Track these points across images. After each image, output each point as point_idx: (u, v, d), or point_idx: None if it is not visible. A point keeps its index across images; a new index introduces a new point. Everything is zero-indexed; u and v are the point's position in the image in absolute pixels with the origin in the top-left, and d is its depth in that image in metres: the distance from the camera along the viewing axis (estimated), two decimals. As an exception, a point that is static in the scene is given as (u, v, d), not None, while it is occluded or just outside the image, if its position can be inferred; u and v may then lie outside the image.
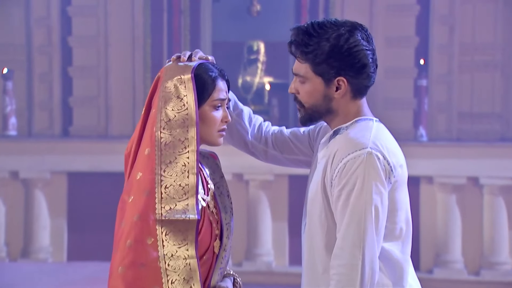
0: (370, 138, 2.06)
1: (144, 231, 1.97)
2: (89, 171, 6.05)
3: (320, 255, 2.07)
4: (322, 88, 2.09)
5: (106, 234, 6.17)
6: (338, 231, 2.02)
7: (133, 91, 6.44)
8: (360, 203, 2.00)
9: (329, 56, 2.05)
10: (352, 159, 2.02)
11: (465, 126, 6.27)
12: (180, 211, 1.98)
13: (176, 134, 2.02)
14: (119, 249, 1.98)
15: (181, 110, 2.03)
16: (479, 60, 6.26)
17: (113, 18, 6.43)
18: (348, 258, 1.99)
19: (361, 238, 1.99)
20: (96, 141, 6.24)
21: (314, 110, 2.11)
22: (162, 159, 2.00)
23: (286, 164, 2.36)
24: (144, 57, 6.42)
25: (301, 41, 2.07)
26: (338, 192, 2.03)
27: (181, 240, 1.97)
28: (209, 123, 2.08)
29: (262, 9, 6.70)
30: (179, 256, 1.97)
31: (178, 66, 2.08)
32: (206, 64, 2.10)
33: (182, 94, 2.04)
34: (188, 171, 2.00)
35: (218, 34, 6.62)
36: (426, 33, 6.28)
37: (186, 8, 6.41)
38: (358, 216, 1.99)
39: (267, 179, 5.86)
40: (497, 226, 5.76)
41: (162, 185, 1.99)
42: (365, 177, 2.01)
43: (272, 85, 6.66)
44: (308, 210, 2.14)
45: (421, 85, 6.03)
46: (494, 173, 5.77)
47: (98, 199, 6.04)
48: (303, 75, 2.10)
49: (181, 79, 2.05)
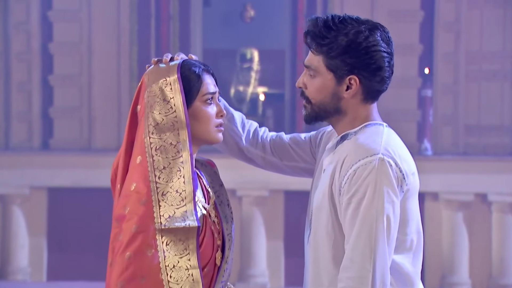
0: (381, 143, 2.06)
1: (144, 242, 1.98)
2: (71, 186, 6.03)
3: (326, 268, 2.07)
4: (332, 85, 2.09)
5: (89, 253, 6.16)
6: (347, 242, 2.02)
7: (118, 102, 6.44)
8: (371, 212, 1.99)
9: (344, 51, 2.06)
10: (363, 166, 2.02)
11: (472, 140, 6.29)
12: (180, 219, 2.00)
13: (166, 138, 2.04)
14: (117, 263, 1.99)
15: (169, 113, 2.05)
16: (487, 69, 6.29)
17: (97, 23, 6.44)
18: (358, 271, 1.99)
19: (372, 249, 1.98)
20: (79, 154, 6.23)
21: (321, 108, 2.11)
22: (155, 165, 2.02)
23: (286, 172, 2.35)
24: (130, 66, 6.43)
25: (318, 32, 2.08)
26: (347, 200, 2.02)
27: (182, 250, 1.99)
28: (204, 119, 2.10)
29: (256, 15, 6.72)
30: (181, 266, 1.98)
31: (161, 68, 2.10)
32: (188, 61, 2.13)
33: (168, 97, 2.05)
34: (184, 176, 2.02)
35: (209, 41, 6.64)
36: (430, 40, 6.31)
37: (175, 13, 6.43)
38: (369, 226, 1.99)
39: (261, 195, 5.86)
40: (507, 245, 5.77)
41: (159, 192, 2.01)
42: (376, 184, 2.00)
43: (266, 95, 6.68)
44: (313, 220, 2.13)
45: (425, 95, 6.06)
46: (503, 190, 5.78)
47: (80, 216, 6.02)
48: (314, 68, 2.10)
49: (167, 80, 2.07)
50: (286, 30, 6.52)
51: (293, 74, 6.41)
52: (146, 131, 2.04)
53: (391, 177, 2.02)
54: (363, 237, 1.99)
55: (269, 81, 6.70)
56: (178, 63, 2.09)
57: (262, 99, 6.65)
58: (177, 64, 2.08)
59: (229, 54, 6.69)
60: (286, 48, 6.51)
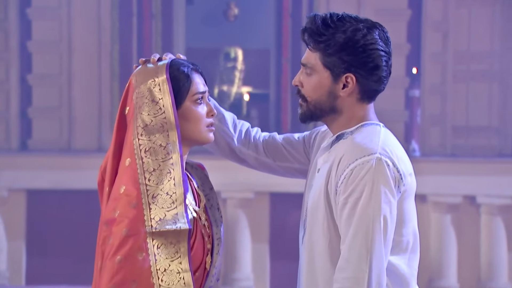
0: (378, 143, 2.08)
1: (135, 246, 1.98)
2: (50, 188, 6.01)
3: (321, 268, 2.08)
4: (329, 83, 2.11)
5: (69, 256, 6.13)
6: (343, 242, 2.03)
7: (99, 102, 6.42)
8: (368, 212, 2.01)
9: (342, 48, 2.08)
10: (360, 165, 2.04)
11: (460, 141, 6.32)
12: (170, 221, 2.00)
13: (156, 139, 2.04)
14: (107, 267, 1.99)
15: (158, 114, 2.05)
16: (475, 69, 6.32)
17: (77, 21, 6.42)
18: (354, 271, 2.00)
19: (368, 249, 2.00)
20: (58, 155, 6.20)
21: (317, 106, 2.12)
22: (144, 167, 2.02)
23: (279, 173, 2.36)
24: (111, 65, 6.41)
25: (316, 29, 2.10)
26: (344, 200, 2.04)
27: (173, 253, 1.99)
28: (194, 120, 2.10)
29: (240, 13, 6.72)
30: (173, 270, 1.99)
31: (149, 68, 2.10)
32: (177, 60, 2.13)
33: (157, 97, 2.06)
34: (174, 178, 2.02)
35: (192, 39, 6.63)
36: (418, 40, 6.33)
37: (157, 11, 6.42)
38: (366, 226, 2.00)
39: (246, 197, 5.87)
40: (495, 248, 5.80)
41: (149, 195, 2.01)
42: (374, 184, 2.02)
43: (251, 95, 6.68)
44: (308, 220, 2.14)
45: (413, 96, 6.08)
46: (492, 191, 5.81)
47: (60, 218, 5.99)
48: (311, 66, 2.12)
49: (155, 81, 2.07)
50: (271, 28, 6.53)
51: (278, 74, 6.42)
52: (135, 132, 2.04)
53: (388, 177, 2.04)
54: (359, 238, 2.00)
55: (253, 80, 6.70)
56: (166, 63, 2.09)
57: (246, 99, 6.65)
58: (166, 64, 2.08)
59: (213, 53, 6.68)
60: (271, 47, 6.51)
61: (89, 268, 6.29)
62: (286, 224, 6.01)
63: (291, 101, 6.34)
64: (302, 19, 6.35)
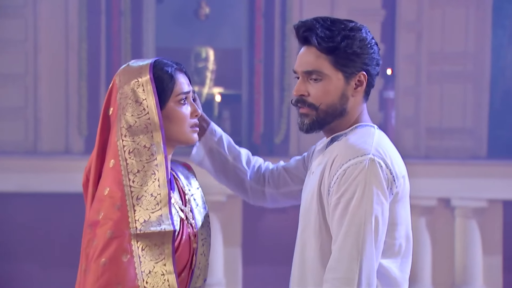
0: (372, 144, 2.12)
1: (119, 248, 2.00)
2: (15, 191, 5.97)
3: (312, 269, 2.10)
4: (342, 85, 2.15)
5: (36, 261, 6.09)
6: (334, 242, 2.06)
7: (66, 102, 6.39)
8: (360, 213, 2.04)
9: (357, 47, 2.14)
10: (353, 166, 2.07)
11: (434, 143, 6.37)
12: (155, 223, 2.02)
13: (140, 140, 2.06)
14: (91, 270, 2.01)
15: (142, 115, 2.07)
16: (449, 71, 6.38)
17: (43, 19, 6.38)
18: (344, 272, 2.02)
19: (359, 250, 2.02)
20: (24, 158, 6.16)
21: (328, 112, 2.15)
22: (128, 169, 2.03)
23: (283, 202, 2.40)
24: (79, 64, 6.38)
25: (323, 34, 2.13)
26: (336, 200, 2.07)
27: (158, 254, 2.01)
28: (178, 120, 2.12)
29: (211, 12, 6.72)
30: (157, 272, 2.01)
31: (132, 68, 2.12)
32: (160, 60, 2.14)
33: (141, 98, 2.07)
34: (159, 179, 2.04)
35: (162, 39, 6.62)
36: (392, 40, 6.38)
37: (126, 9, 6.40)
38: (357, 227, 2.03)
39: (219, 200, 5.87)
40: (470, 252, 5.85)
41: (133, 196, 2.03)
42: (366, 185, 2.05)
43: (223, 96, 6.68)
44: (301, 221, 2.17)
45: (387, 97, 6.12)
46: (466, 194, 5.86)
47: (26, 222, 5.96)
48: (320, 71, 2.14)
49: (139, 82, 2.09)
50: (243, 28, 6.53)
51: (251, 74, 6.43)
52: (118, 134, 2.06)
53: (381, 178, 2.07)
54: (350, 238, 2.03)
55: (225, 81, 6.71)
56: (150, 62, 2.11)
57: (218, 100, 6.65)
58: (149, 64, 2.10)
59: (183, 53, 6.68)
60: (243, 47, 6.52)
61: (56, 272, 6.27)
62: (259, 228, 6.02)
63: (263, 102, 6.36)
64: (275, 18, 6.37)
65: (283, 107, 6.29)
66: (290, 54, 6.28)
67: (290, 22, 6.33)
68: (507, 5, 6.46)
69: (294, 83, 2.23)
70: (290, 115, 6.26)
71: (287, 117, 6.27)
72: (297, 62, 2.19)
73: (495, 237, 5.98)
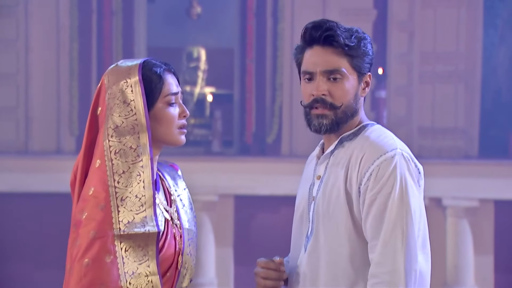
0: (395, 140, 2.17)
1: (102, 249, 2.00)
2: (7, 191, 5.95)
3: (344, 270, 2.13)
4: (356, 85, 2.19)
5: (29, 262, 6.08)
6: (374, 237, 2.09)
7: (58, 102, 6.38)
8: (400, 207, 2.08)
9: (368, 48, 2.17)
10: (386, 161, 2.10)
11: (426, 142, 6.38)
12: (139, 224, 2.02)
13: (126, 141, 2.05)
14: (75, 270, 2.01)
15: (129, 115, 2.06)
16: (441, 70, 6.39)
17: (35, 19, 6.37)
18: (390, 265, 2.06)
19: (403, 243, 2.06)
20: (15, 157, 6.15)
21: (345, 111, 2.17)
22: (114, 169, 2.03)
23: None
24: (71, 64, 6.37)
25: (343, 35, 2.15)
26: (372, 196, 2.10)
27: (141, 256, 2.01)
28: (166, 121, 2.12)
29: (203, 12, 6.72)
30: (141, 273, 2.01)
31: (121, 68, 2.11)
32: (149, 60, 2.14)
33: (129, 99, 2.07)
34: (144, 181, 2.03)
35: (154, 38, 6.62)
36: (384, 40, 6.39)
37: (118, 9, 6.40)
38: (399, 220, 2.07)
39: (210, 199, 5.87)
40: (462, 251, 5.86)
41: (118, 197, 2.02)
42: (401, 179, 2.09)
43: (214, 95, 6.69)
44: (321, 226, 2.16)
45: (379, 97, 6.13)
46: (458, 194, 5.88)
47: (17, 223, 5.94)
48: (343, 70, 2.16)
49: (127, 82, 2.08)
50: (234, 27, 6.54)
51: (243, 74, 6.43)
52: (105, 134, 2.05)
53: (412, 171, 2.12)
54: (393, 232, 2.07)
55: (217, 81, 6.71)
56: (139, 63, 2.10)
57: (209, 100, 6.66)
58: (138, 65, 2.10)
59: (175, 53, 6.68)
60: (234, 46, 6.52)
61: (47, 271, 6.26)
62: (251, 227, 6.03)
63: (255, 101, 6.36)
64: (266, 18, 6.37)
65: (275, 106, 6.29)
66: (282, 53, 6.29)
67: (281, 22, 6.33)
68: (498, 5, 6.48)
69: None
70: (282, 114, 6.26)
71: (279, 116, 6.28)
72: (314, 62, 2.17)
73: (487, 236, 5.99)
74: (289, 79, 6.16)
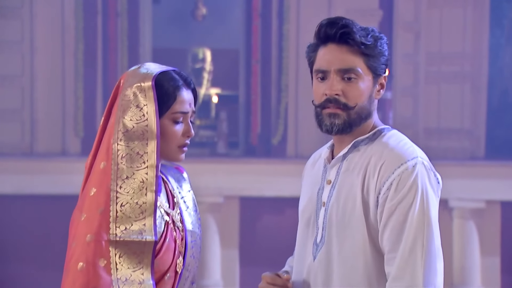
0: (414, 147, 2.08)
1: (97, 253, 1.99)
2: (12, 193, 5.95)
3: (358, 281, 2.06)
4: (371, 86, 2.10)
5: (34, 264, 6.08)
6: (392, 250, 2.02)
7: (63, 103, 6.38)
8: (421, 219, 2.00)
9: (384, 49, 2.10)
10: (407, 170, 2.02)
11: (432, 143, 6.37)
12: (136, 232, 2.01)
13: (134, 146, 2.04)
14: (69, 272, 2.00)
15: (140, 120, 2.05)
16: (447, 71, 6.37)
17: (40, 20, 6.37)
18: (410, 279, 2.00)
19: (423, 257, 1.99)
20: (20, 159, 6.15)
21: (359, 113, 2.08)
22: (118, 174, 2.02)
23: None
24: (76, 65, 6.37)
25: (360, 34, 2.09)
26: (391, 207, 2.02)
27: (136, 263, 2.00)
28: (167, 137, 2.09)
29: (208, 13, 6.72)
30: (134, 280, 2.00)
31: (139, 72, 2.10)
32: (170, 72, 2.11)
33: (141, 103, 2.06)
34: (146, 188, 2.02)
35: (159, 39, 6.62)
36: (389, 41, 6.37)
37: (123, 10, 6.39)
38: (420, 233, 2.00)
39: (216, 201, 5.86)
40: (468, 253, 5.85)
41: (118, 202, 2.01)
42: (423, 190, 2.02)
43: (220, 97, 6.68)
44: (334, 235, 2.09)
45: (385, 98, 6.12)
46: (464, 195, 5.86)
47: (22, 225, 5.94)
48: (358, 70, 2.07)
49: (141, 86, 2.07)
50: (240, 28, 6.53)
51: (248, 75, 6.42)
52: (115, 136, 2.04)
53: (432, 182, 2.05)
54: (414, 245, 1.99)
55: (222, 82, 6.70)
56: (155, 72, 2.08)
57: (215, 101, 6.65)
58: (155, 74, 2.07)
59: (180, 54, 6.68)
60: (240, 47, 6.51)
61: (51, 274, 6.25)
62: (256, 229, 6.02)
63: (261, 103, 6.35)
64: (272, 19, 6.36)
65: (280, 107, 6.28)
66: (287, 54, 6.28)
67: (287, 22, 6.32)
68: (505, 5, 6.46)
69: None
70: (287, 116, 6.25)
71: (284, 117, 6.26)
72: (328, 60, 2.08)
73: (493, 238, 5.97)
74: (294, 80, 6.15)
